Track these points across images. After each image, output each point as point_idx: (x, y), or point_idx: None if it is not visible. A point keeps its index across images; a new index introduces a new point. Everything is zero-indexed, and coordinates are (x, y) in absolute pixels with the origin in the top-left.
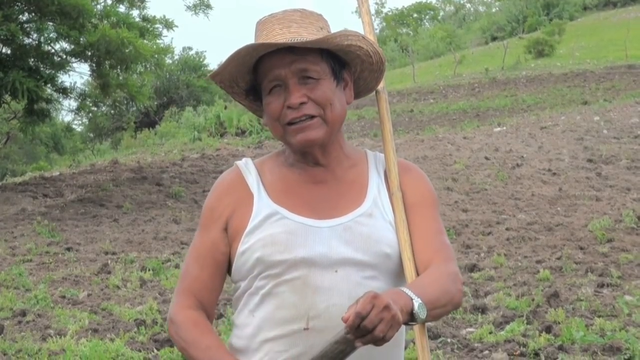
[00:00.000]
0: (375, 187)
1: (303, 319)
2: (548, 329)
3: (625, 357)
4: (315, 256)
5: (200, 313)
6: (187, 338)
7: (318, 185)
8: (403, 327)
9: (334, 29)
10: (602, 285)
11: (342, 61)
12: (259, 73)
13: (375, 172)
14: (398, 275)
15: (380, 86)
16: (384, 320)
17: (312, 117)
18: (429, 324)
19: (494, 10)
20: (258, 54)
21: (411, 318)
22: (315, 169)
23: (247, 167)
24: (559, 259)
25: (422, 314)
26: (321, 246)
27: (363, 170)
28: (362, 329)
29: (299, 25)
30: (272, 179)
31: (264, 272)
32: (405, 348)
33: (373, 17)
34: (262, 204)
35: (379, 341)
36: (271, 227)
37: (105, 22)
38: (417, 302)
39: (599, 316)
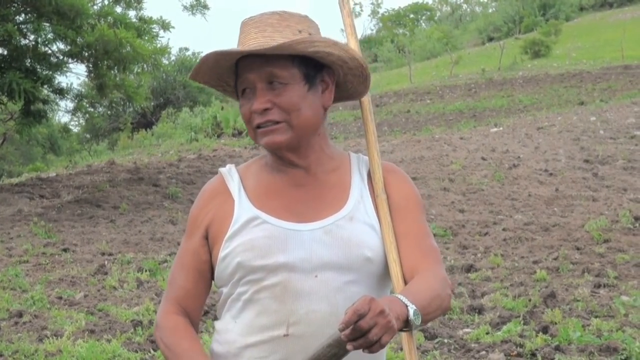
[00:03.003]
0: (358, 190)
1: (283, 325)
2: (545, 330)
3: (622, 357)
4: (296, 261)
5: (183, 319)
6: (167, 342)
7: (299, 189)
8: None
9: (334, 29)
10: (598, 286)
11: (319, 64)
12: (237, 74)
13: (358, 174)
14: (380, 279)
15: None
16: (379, 325)
17: (277, 122)
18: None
19: (490, 10)
20: (232, 58)
21: (405, 325)
22: (296, 171)
23: (230, 173)
24: (555, 259)
25: (417, 320)
26: (301, 250)
27: (345, 173)
28: (357, 330)
29: (274, 29)
30: (254, 184)
31: (245, 278)
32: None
33: (369, 18)
34: (243, 208)
35: (373, 345)
36: (251, 231)
37: (103, 22)
38: (412, 309)
39: (596, 316)
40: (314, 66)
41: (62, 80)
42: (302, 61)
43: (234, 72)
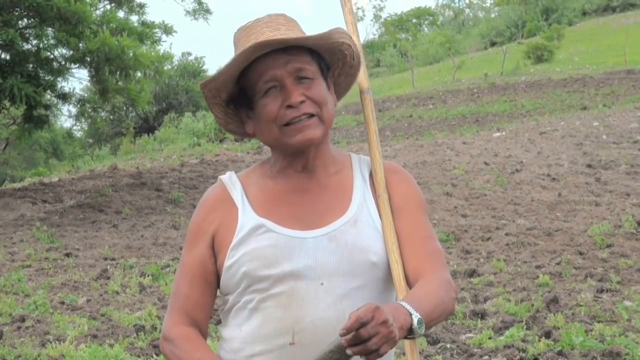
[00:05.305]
0: (360, 193)
1: (289, 334)
2: (547, 335)
3: None
4: (301, 269)
5: (193, 329)
6: (180, 354)
7: (302, 194)
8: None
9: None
10: (601, 291)
11: (326, 63)
12: (251, 77)
13: (360, 176)
14: (386, 284)
15: (366, 87)
16: (380, 334)
17: (311, 115)
18: None
19: (493, 15)
20: (255, 55)
21: (409, 333)
22: (299, 176)
23: (231, 181)
24: (558, 264)
25: (420, 329)
26: (307, 258)
27: (347, 176)
28: (357, 337)
29: (286, 27)
30: (256, 192)
31: (251, 287)
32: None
33: (372, 22)
34: (247, 217)
35: (372, 354)
36: (256, 240)
37: (105, 27)
38: (416, 318)
39: (599, 321)
40: (325, 64)
41: (64, 85)
42: (318, 57)
43: (235, 80)
